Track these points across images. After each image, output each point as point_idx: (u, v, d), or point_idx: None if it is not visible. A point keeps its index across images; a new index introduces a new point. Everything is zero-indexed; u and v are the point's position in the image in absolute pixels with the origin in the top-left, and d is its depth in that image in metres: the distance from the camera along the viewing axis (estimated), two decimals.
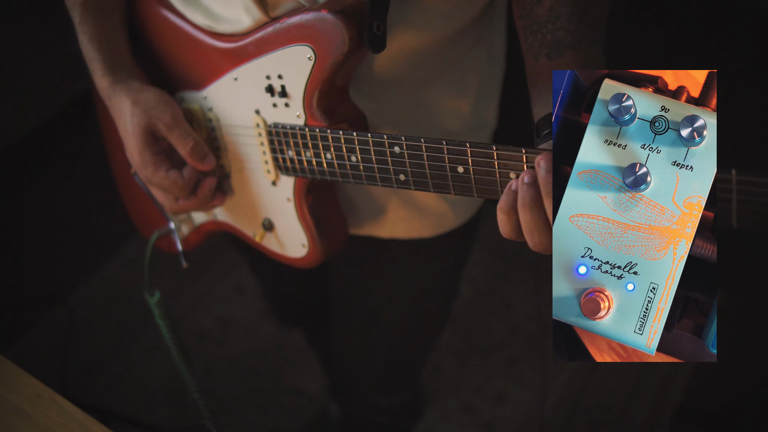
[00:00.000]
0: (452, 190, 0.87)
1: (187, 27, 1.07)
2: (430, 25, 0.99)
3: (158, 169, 1.04)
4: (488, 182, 0.83)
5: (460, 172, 0.85)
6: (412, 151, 0.88)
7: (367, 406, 1.58)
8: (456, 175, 0.86)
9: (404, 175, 0.90)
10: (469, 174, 0.84)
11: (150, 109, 1.02)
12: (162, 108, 1.03)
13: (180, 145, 1.03)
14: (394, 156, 0.90)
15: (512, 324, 2.23)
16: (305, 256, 1.10)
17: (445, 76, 1.07)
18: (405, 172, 0.90)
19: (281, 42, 0.97)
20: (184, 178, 1.04)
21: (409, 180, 0.90)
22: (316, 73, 0.95)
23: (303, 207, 1.06)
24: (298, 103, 0.98)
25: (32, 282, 2.29)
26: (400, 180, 0.91)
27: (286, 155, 1.02)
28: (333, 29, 0.91)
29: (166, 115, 1.02)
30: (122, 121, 1.04)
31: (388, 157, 0.91)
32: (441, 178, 0.87)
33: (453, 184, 0.87)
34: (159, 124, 1.02)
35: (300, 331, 1.96)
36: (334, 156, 0.96)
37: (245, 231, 1.15)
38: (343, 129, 0.95)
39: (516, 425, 2.03)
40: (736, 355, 2.08)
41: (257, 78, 1.01)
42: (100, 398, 2.05)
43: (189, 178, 1.05)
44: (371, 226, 1.17)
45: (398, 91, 1.06)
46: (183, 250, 1.14)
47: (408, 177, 0.90)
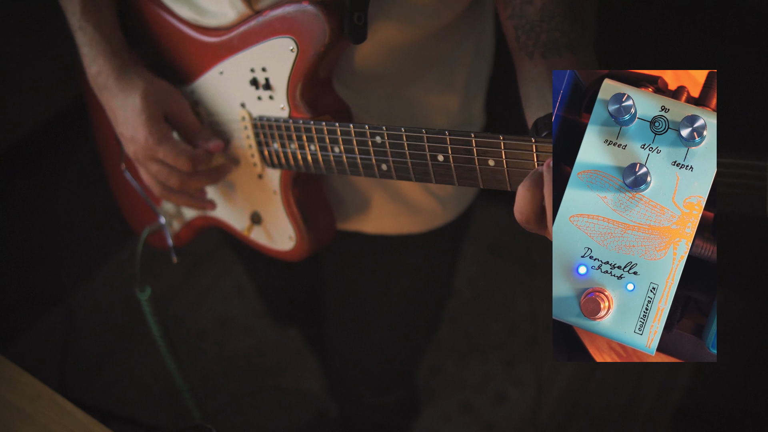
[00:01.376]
0: (433, 178, 0.88)
1: (174, 21, 1.08)
2: (413, 19, 1.00)
3: (167, 138, 1.03)
4: (468, 170, 0.85)
5: (440, 160, 0.86)
6: (394, 141, 0.89)
7: (362, 405, 1.58)
8: (436, 163, 0.87)
9: (386, 165, 0.91)
10: (449, 162, 0.85)
11: (164, 92, 1.04)
12: (177, 96, 1.06)
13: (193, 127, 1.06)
14: (375, 146, 0.91)
15: (512, 324, 2.23)
16: (293, 248, 1.10)
17: (432, 71, 1.08)
18: (387, 162, 0.91)
19: (264, 35, 0.97)
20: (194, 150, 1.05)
21: (390, 169, 0.91)
22: (299, 65, 0.95)
23: (289, 199, 1.07)
24: (281, 96, 0.99)
25: (32, 282, 2.29)
26: (382, 170, 0.92)
27: (271, 148, 1.03)
28: (314, 21, 0.92)
29: (182, 102, 1.05)
30: (130, 99, 1.03)
31: (370, 147, 0.92)
32: (422, 167, 0.88)
33: (434, 172, 0.88)
34: (176, 108, 1.04)
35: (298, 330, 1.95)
36: (317, 148, 0.97)
37: (234, 225, 1.16)
38: (326, 120, 0.96)
39: (515, 425, 2.03)
40: (736, 355, 2.08)
41: (242, 71, 1.02)
42: (100, 398, 2.05)
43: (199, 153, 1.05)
44: (359, 221, 1.17)
45: (384, 85, 1.06)
46: (173, 245, 1.14)
47: (390, 166, 0.91)
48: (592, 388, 2.10)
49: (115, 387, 2.09)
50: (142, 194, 1.13)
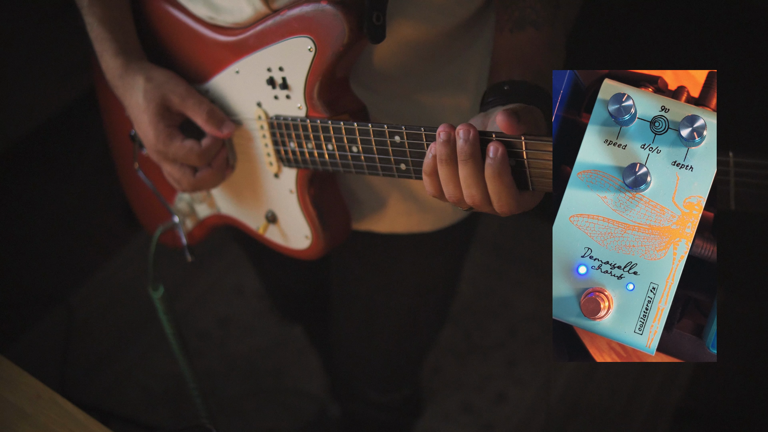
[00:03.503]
0: None
1: (189, 21, 1.07)
2: (430, 18, 1.00)
3: (173, 140, 1.03)
4: None
5: None
6: (413, 140, 0.88)
7: (366, 402, 1.58)
8: None
9: (405, 165, 0.91)
10: None
11: (162, 84, 1.03)
12: (175, 81, 1.03)
13: (196, 113, 1.03)
14: (394, 146, 0.90)
15: (512, 324, 2.23)
16: (308, 247, 1.10)
17: (445, 71, 1.08)
18: (406, 161, 0.90)
19: (281, 34, 0.97)
20: (202, 146, 1.03)
21: (410, 169, 0.91)
22: (317, 64, 0.95)
23: (305, 198, 1.06)
24: (299, 95, 0.99)
25: (32, 282, 2.29)
26: (401, 169, 0.92)
27: (287, 147, 1.02)
28: (333, 20, 0.92)
29: (180, 88, 1.03)
30: (135, 98, 1.03)
31: (389, 147, 0.91)
32: None
33: None
34: (172, 96, 1.03)
35: (300, 330, 1.95)
36: (335, 147, 0.97)
37: (248, 224, 1.15)
38: (344, 120, 0.95)
39: (516, 425, 2.03)
40: (736, 355, 2.08)
41: (258, 70, 1.01)
42: (100, 398, 2.05)
43: (207, 146, 1.04)
44: (372, 220, 1.17)
45: (397, 84, 1.06)
46: (187, 244, 1.14)
47: (409, 166, 0.90)
48: (592, 388, 2.10)
49: (115, 387, 2.09)
50: (156, 193, 1.12)
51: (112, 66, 1.05)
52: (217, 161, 1.06)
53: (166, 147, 1.03)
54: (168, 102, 1.03)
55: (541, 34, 0.93)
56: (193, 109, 1.03)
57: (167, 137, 1.03)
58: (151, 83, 1.02)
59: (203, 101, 1.03)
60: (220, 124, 1.04)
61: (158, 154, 1.05)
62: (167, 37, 1.11)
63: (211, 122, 1.03)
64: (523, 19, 0.94)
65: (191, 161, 1.04)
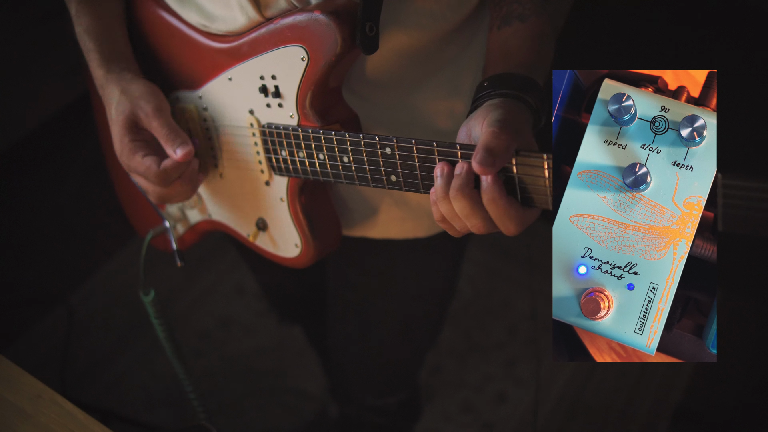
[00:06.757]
0: None
1: (183, 27, 1.07)
2: (422, 25, 1.00)
3: (135, 154, 1.02)
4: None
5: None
6: (404, 152, 0.88)
7: (363, 406, 1.58)
8: None
9: (395, 176, 0.91)
10: None
11: (135, 99, 1.02)
12: (147, 99, 1.02)
13: (158, 132, 1.01)
14: (385, 157, 0.90)
15: (512, 324, 2.23)
16: (298, 255, 1.10)
17: (438, 76, 1.08)
18: (396, 173, 0.90)
19: (275, 43, 0.97)
20: (159, 167, 1.01)
21: (400, 181, 0.91)
22: (309, 73, 0.95)
23: (296, 207, 1.06)
24: (291, 104, 0.99)
25: (32, 282, 2.29)
26: (391, 181, 0.92)
27: (279, 155, 1.02)
28: (326, 30, 0.92)
29: (149, 105, 1.02)
30: (110, 109, 1.04)
31: (379, 158, 0.91)
32: (431, 180, 0.87)
33: None
34: (140, 113, 1.02)
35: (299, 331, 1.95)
36: (326, 156, 0.97)
37: (239, 230, 1.16)
38: (335, 130, 0.95)
39: (515, 425, 2.03)
40: (736, 355, 2.08)
41: (251, 78, 1.01)
42: (100, 398, 2.05)
43: (165, 167, 1.01)
44: (365, 227, 1.17)
45: (391, 91, 1.06)
46: (177, 248, 1.14)
47: (399, 178, 0.91)
48: (592, 388, 2.10)
49: (115, 387, 2.09)
50: (147, 197, 1.12)
51: (95, 76, 1.06)
52: (187, 174, 1.04)
53: (128, 160, 1.03)
54: (136, 117, 1.02)
55: (527, 25, 0.94)
56: (156, 129, 1.01)
57: (129, 151, 1.02)
58: (125, 96, 1.02)
59: (166, 123, 1.01)
60: (174, 146, 1.00)
61: (125, 165, 1.05)
62: (161, 43, 1.11)
63: (167, 144, 1.01)
64: (510, 14, 0.95)
65: (150, 179, 1.02)
